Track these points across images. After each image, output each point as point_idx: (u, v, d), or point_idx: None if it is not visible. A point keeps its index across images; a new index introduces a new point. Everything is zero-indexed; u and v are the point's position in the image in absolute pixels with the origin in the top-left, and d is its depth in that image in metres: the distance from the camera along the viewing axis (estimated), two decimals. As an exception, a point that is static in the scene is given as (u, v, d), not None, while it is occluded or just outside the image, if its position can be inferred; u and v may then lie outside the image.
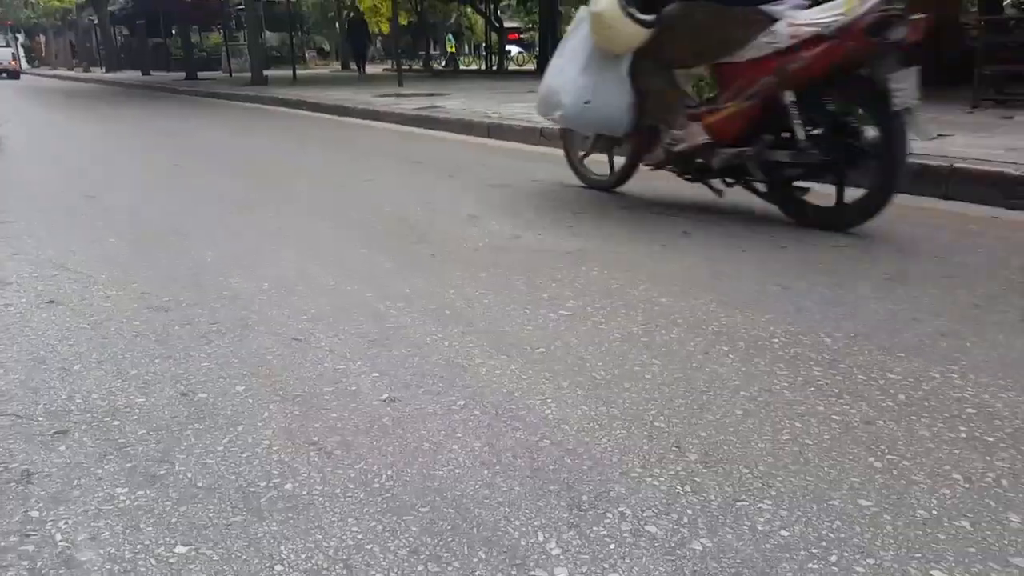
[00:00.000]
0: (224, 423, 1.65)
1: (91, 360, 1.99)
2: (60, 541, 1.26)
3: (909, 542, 1.24)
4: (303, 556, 1.21)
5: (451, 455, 1.51)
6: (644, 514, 1.32)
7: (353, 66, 22.23)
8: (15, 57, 30.49)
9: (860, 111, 3.34)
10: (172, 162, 5.78)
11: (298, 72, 20.65)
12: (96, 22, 37.28)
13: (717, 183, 3.71)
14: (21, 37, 46.65)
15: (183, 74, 22.27)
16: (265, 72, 17.60)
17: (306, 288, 2.57)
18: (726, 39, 3.41)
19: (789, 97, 3.26)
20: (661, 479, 1.42)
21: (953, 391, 1.77)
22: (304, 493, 1.39)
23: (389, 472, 1.45)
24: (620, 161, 4.27)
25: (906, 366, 1.90)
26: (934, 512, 1.31)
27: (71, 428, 1.63)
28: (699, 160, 3.65)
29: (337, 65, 31.50)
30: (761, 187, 3.57)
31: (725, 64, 3.47)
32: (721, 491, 1.38)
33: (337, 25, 35.13)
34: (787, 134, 3.33)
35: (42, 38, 52.08)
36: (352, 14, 24.18)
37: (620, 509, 1.33)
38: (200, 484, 1.42)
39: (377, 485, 1.41)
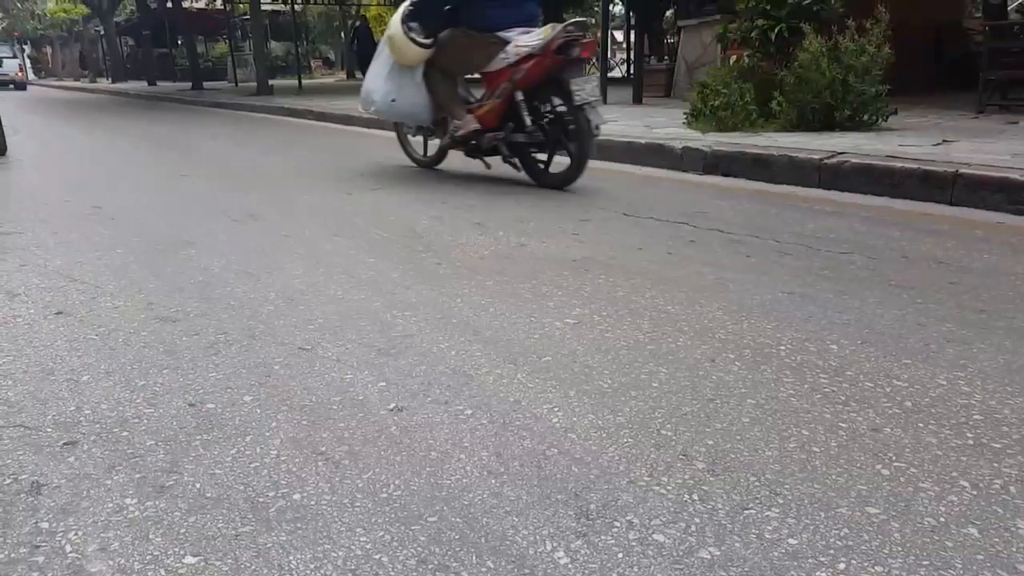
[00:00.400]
0: (232, 433, 1.66)
1: (99, 371, 2.00)
2: (70, 552, 1.26)
3: (917, 549, 1.24)
4: (312, 566, 1.22)
5: (458, 464, 1.52)
6: (652, 523, 1.32)
7: (359, 74, 22.00)
8: (22, 68, 30.69)
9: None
10: (179, 172, 5.81)
11: (304, 81, 20.75)
12: (102, 33, 37.49)
13: (487, 159, 5.14)
14: (28, 48, 46.91)
15: (189, 84, 22.35)
16: (270, 82, 17.68)
17: (313, 297, 2.58)
18: (479, 57, 4.81)
19: (519, 96, 4.64)
20: (668, 487, 1.43)
21: (960, 397, 1.77)
22: (312, 503, 1.39)
23: (397, 482, 1.46)
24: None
25: (912, 373, 1.90)
26: (941, 519, 1.31)
27: (80, 439, 1.64)
28: (473, 142, 5.00)
29: (342, 74, 31.58)
30: (514, 160, 4.91)
31: (486, 73, 4.82)
32: (729, 499, 1.38)
33: (342, 35, 35.23)
34: (533, 118, 4.65)
35: (48, 49, 52.39)
36: (358, 22, 24.02)
37: (628, 518, 1.33)
38: (209, 494, 1.42)
39: (385, 495, 1.42)
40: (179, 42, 32.05)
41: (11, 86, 28.49)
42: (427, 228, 3.62)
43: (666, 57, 14.22)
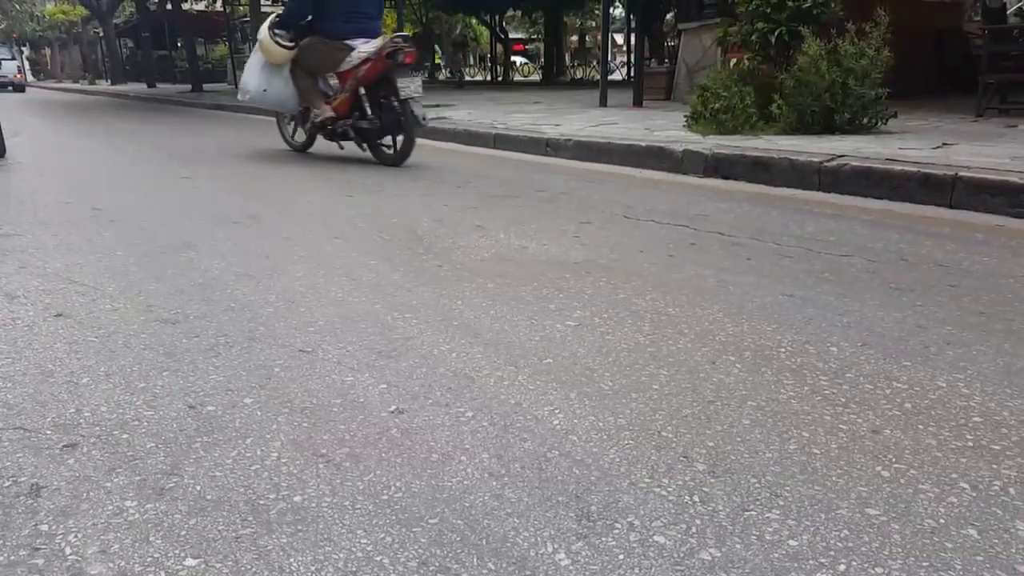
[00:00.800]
0: (232, 435, 1.66)
1: (99, 373, 2.00)
2: (70, 555, 1.26)
3: (917, 551, 1.24)
4: (313, 568, 1.22)
5: (459, 466, 1.52)
6: (653, 524, 1.32)
7: None
8: (20, 70, 30.69)
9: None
10: (179, 174, 5.81)
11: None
12: (102, 35, 37.50)
13: (341, 142, 6.52)
14: (27, 50, 46.92)
15: (188, 86, 22.37)
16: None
17: (313, 299, 2.58)
18: (332, 60, 6.13)
19: (362, 91, 5.97)
20: (669, 489, 1.43)
21: (959, 399, 1.77)
22: (313, 505, 1.39)
23: (398, 484, 1.46)
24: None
25: (912, 375, 1.91)
26: (941, 521, 1.31)
27: (80, 441, 1.64)
28: (329, 127, 6.30)
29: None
30: (363, 144, 6.25)
31: (340, 72, 6.15)
32: (729, 501, 1.39)
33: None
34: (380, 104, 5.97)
35: (47, 51, 52.42)
36: None
37: (629, 519, 1.33)
38: (209, 497, 1.42)
39: (386, 497, 1.42)
40: (179, 44, 32.08)
41: (10, 88, 28.48)
42: (428, 230, 3.62)
43: (666, 60, 14.23)
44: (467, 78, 30.43)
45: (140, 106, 17.70)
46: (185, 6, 26.13)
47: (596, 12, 26.55)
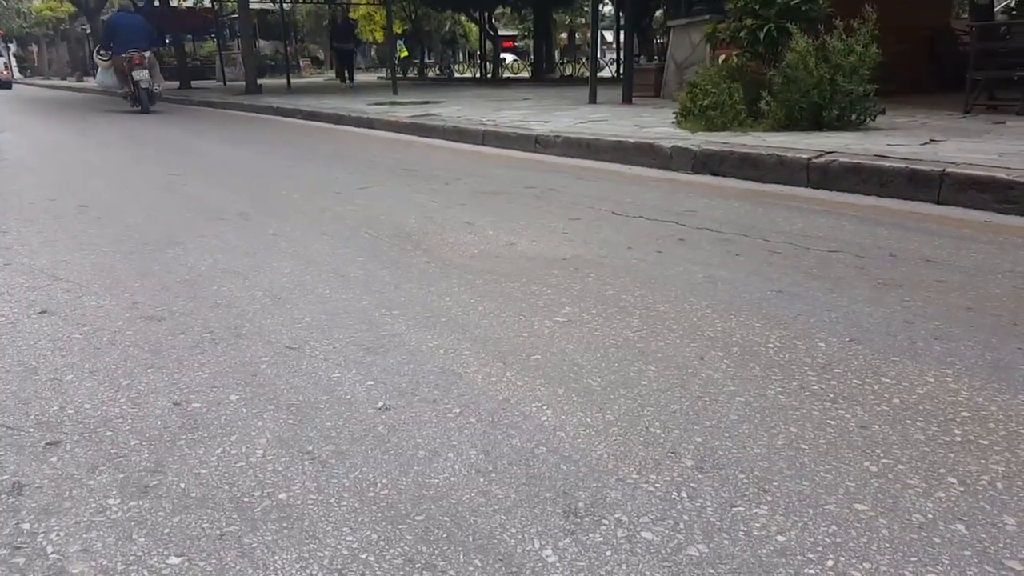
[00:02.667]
0: (217, 433, 1.64)
1: (83, 370, 1.98)
2: (52, 553, 1.25)
3: (905, 546, 1.23)
4: (297, 566, 1.21)
5: (446, 463, 1.51)
6: (640, 520, 1.31)
7: (347, 75, 21.41)
8: (7, 66, 30.43)
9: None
10: (166, 171, 5.77)
11: (292, 80, 20.66)
12: (89, 32, 37.20)
13: (135, 106, 12.58)
14: (13, 47, 46.54)
15: (177, 83, 22.22)
16: (259, 81, 17.59)
17: (301, 296, 2.56)
18: (123, 65, 12.30)
19: (133, 77, 12.36)
20: (657, 485, 1.42)
21: (947, 395, 1.77)
22: (298, 503, 1.38)
23: (384, 481, 1.45)
24: None
25: (900, 370, 1.91)
26: (929, 516, 1.31)
27: (63, 439, 1.62)
28: (129, 97, 12.63)
29: (331, 73, 31.47)
30: (136, 108, 12.38)
31: (128, 69, 12.35)
32: (717, 496, 1.38)
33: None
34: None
35: (34, 47, 51.99)
36: (339, 19, 22.45)
37: (616, 515, 1.33)
38: (193, 494, 1.41)
39: (372, 494, 1.41)
40: (167, 40, 31.89)
41: (-4, 85, 28.24)
42: (416, 227, 3.61)
43: (655, 57, 14.23)
44: (456, 75, 30.37)
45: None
46: (173, 2, 25.95)
47: (585, 9, 26.53)
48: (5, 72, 29.39)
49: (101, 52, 13.01)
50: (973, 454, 1.51)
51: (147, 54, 12.26)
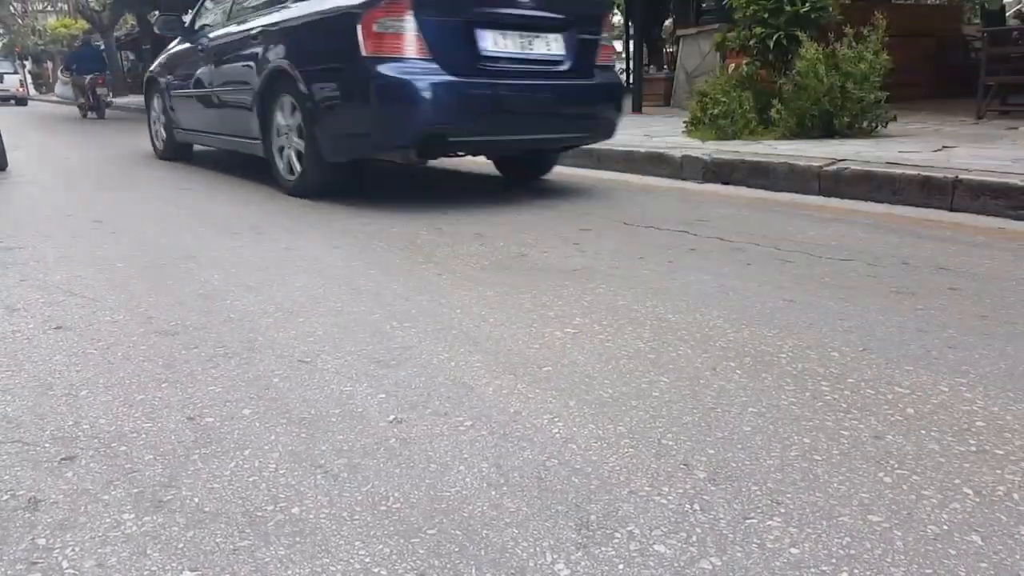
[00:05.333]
0: (231, 447, 1.65)
1: (98, 385, 1.99)
2: (67, 568, 1.25)
3: (920, 558, 1.23)
4: (310, 580, 1.21)
5: (458, 476, 1.51)
6: (653, 533, 1.31)
7: None
8: (23, 83, 30.77)
9: None
10: (179, 185, 5.81)
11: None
12: (103, 48, 37.61)
13: (91, 113, 17.13)
14: (29, 64, 47.05)
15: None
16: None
17: (313, 310, 2.57)
18: (83, 82, 17.03)
19: (92, 93, 17.32)
20: (669, 497, 1.42)
21: (962, 404, 1.76)
22: (311, 517, 1.38)
23: (396, 494, 1.45)
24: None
25: (914, 379, 1.90)
26: (944, 527, 1.30)
27: (78, 454, 1.63)
28: (88, 107, 17.08)
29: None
30: (93, 115, 17.05)
31: (87, 86, 17.03)
32: (730, 509, 1.38)
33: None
34: None
35: (49, 64, 52.56)
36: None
37: (628, 528, 1.32)
38: (207, 509, 1.42)
39: (384, 507, 1.41)
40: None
41: (12, 101, 28.54)
42: (428, 239, 3.62)
43: (665, 66, 14.25)
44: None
45: (139, 118, 17.70)
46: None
47: (595, 19, 26.49)
48: (21, 89, 29.70)
49: (64, 72, 18.99)
50: (989, 464, 1.50)
51: (105, 76, 18.28)
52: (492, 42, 4.27)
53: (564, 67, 4.55)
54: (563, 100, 4.63)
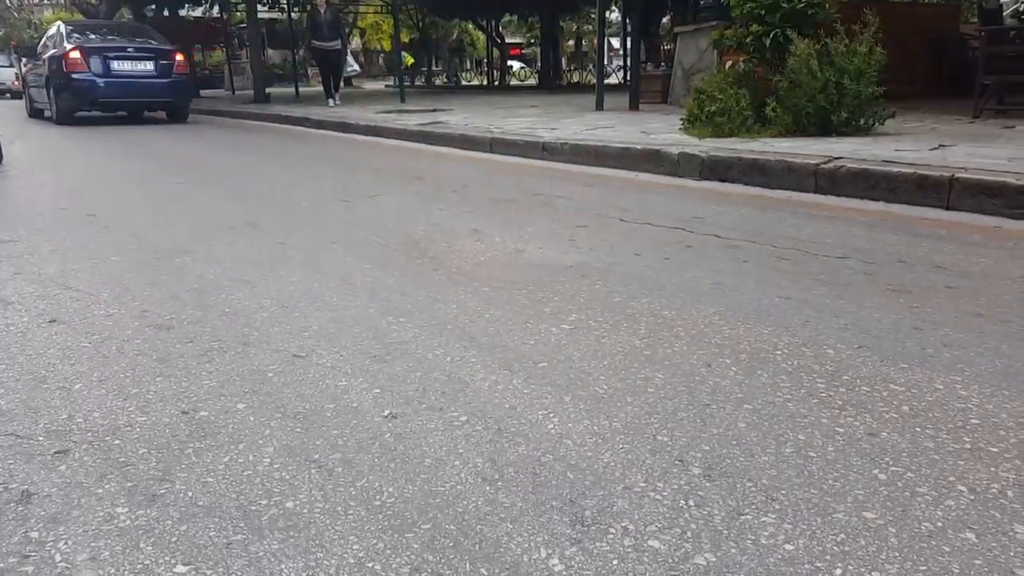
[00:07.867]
0: (225, 441, 1.64)
1: (92, 379, 1.99)
2: (60, 562, 1.25)
3: (914, 555, 1.23)
4: (304, 575, 1.21)
5: (453, 471, 1.51)
6: (647, 529, 1.31)
7: (342, 86, 17.36)
8: (18, 77, 30.65)
9: None
10: (174, 180, 5.80)
11: (301, 89, 20.73)
12: (99, 42, 37.47)
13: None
14: (25, 58, 46.87)
15: (186, 92, 22.34)
16: (268, 90, 17.66)
17: (308, 304, 2.57)
18: None
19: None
20: (664, 493, 1.42)
21: (957, 402, 1.76)
22: (305, 511, 1.38)
23: (390, 489, 1.45)
24: None
25: (909, 377, 1.90)
26: (939, 524, 1.30)
27: (71, 447, 1.63)
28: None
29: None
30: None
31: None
32: (724, 505, 1.38)
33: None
34: None
35: (46, 58, 52.36)
36: (322, 9, 14.78)
37: (623, 524, 1.32)
38: (201, 503, 1.41)
39: (378, 502, 1.40)
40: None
41: (8, 95, 28.45)
42: (424, 235, 3.62)
43: (662, 63, 14.23)
44: (464, 82, 30.43)
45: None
46: (182, 13, 26.11)
47: (592, 16, 26.56)
48: (16, 83, 29.59)
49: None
50: (983, 462, 1.50)
51: None
52: (119, 65, 11.82)
53: (153, 74, 12.08)
54: (152, 88, 12.21)
